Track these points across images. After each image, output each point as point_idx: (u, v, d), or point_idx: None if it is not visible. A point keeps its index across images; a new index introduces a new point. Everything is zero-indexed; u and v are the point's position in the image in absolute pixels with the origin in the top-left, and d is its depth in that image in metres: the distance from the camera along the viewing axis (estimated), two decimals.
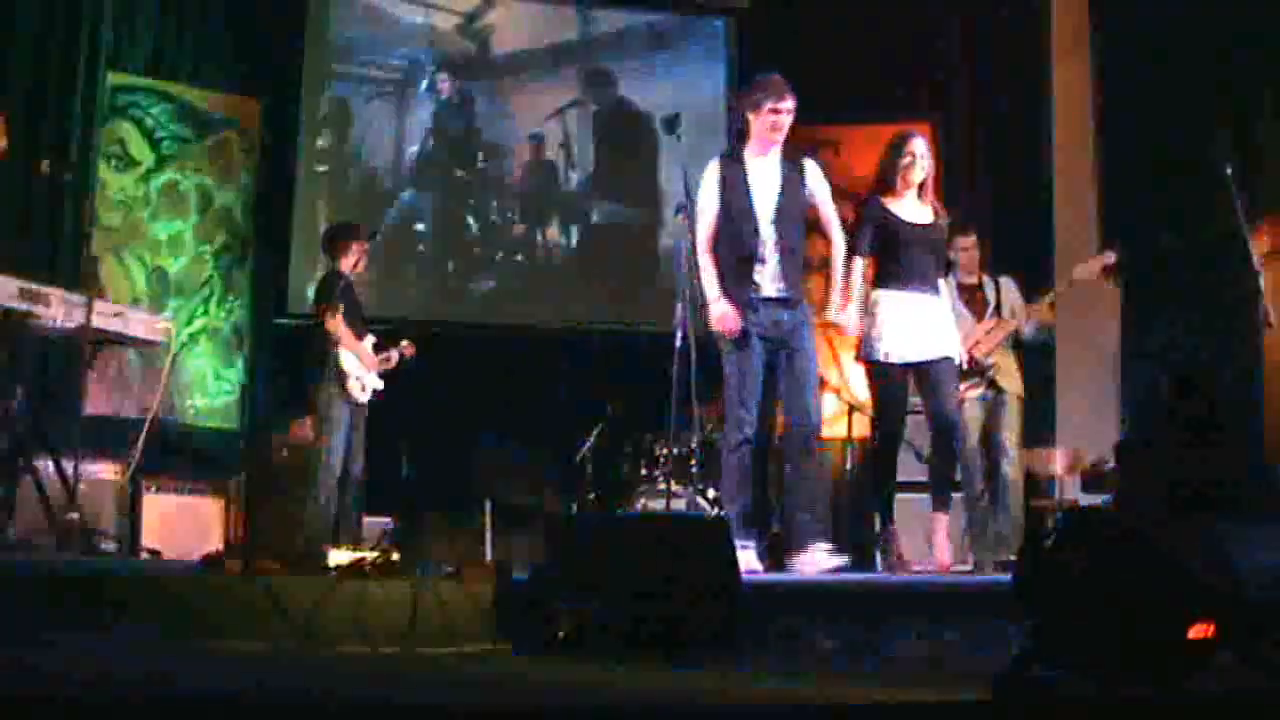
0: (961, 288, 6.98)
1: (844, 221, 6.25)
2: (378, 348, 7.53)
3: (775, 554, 6.28)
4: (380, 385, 7.44)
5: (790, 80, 6.01)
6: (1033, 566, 3.17)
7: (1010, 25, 9.38)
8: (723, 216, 5.91)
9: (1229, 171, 6.27)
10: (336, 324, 7.15)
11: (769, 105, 5.90)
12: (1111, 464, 7.25)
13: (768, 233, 5.87)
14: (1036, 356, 7.54)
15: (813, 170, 6.06)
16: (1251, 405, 6.89)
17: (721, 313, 5.81)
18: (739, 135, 6.06)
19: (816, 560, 5.66)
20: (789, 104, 5.90)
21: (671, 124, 6.63)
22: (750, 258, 5.86)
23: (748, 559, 5.51)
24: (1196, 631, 2.90)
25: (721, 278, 5.86)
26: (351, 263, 7.39)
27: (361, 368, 7.28)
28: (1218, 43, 7.89)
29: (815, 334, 6.14)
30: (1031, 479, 7.65)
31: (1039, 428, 7.86)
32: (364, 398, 7.32)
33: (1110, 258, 6.87)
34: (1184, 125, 8.08)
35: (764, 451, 5.96)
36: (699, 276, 5.91)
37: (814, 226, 6.24)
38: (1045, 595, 3.07)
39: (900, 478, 6.20)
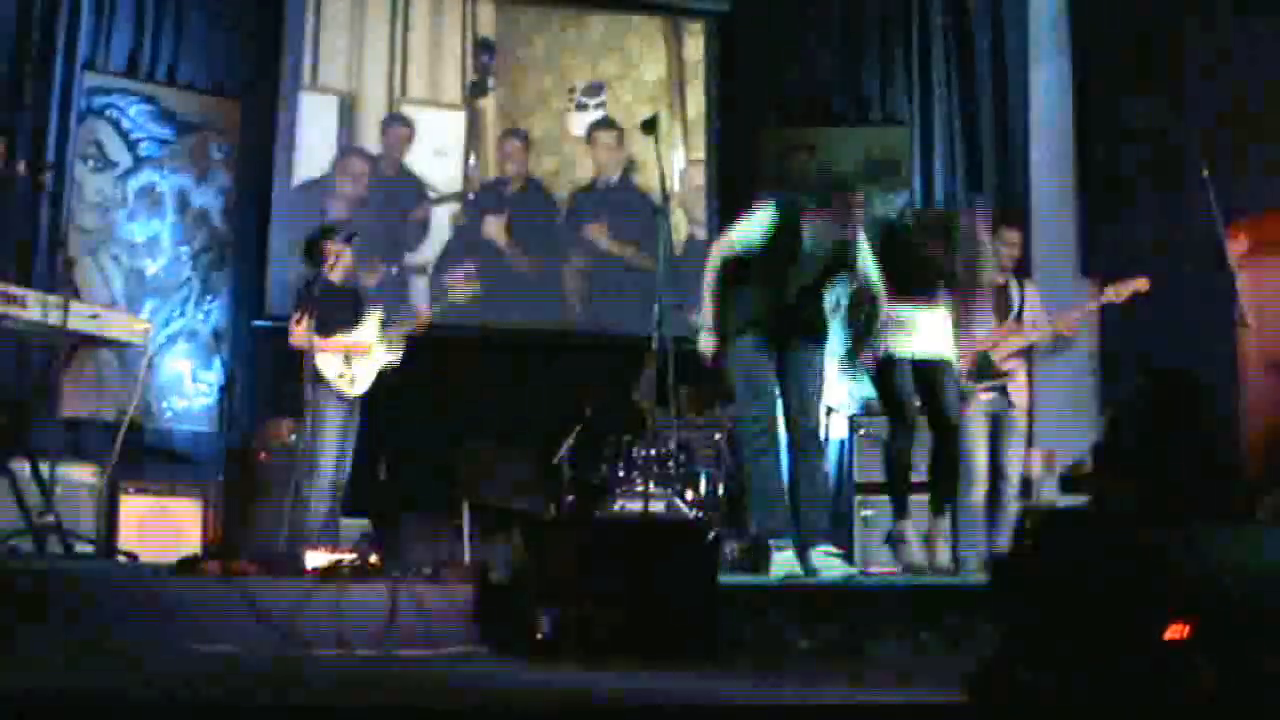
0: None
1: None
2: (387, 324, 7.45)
3: (753, 555, 6.27)
4: (387, 361, 7.35)
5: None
6: (1011, 568, 3.18)
7: (989, 29, 9.40)
8: (759, 261, 5.71)
9: (1205, 173, 6.30)
10: (297, 338, 7.10)
11: (844, 209, 5.69)
12: (1089, 465, 7.24)
13: (798, 283, 5.72)
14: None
15: (863, 250, 5.83)
16: (1228, 405, 6.90)
17: (709, 348, 5.71)
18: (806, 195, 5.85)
19: (830, 563, 5.50)
20: (861, 211, 5.79)
21: (650, 126, 6.61)
22: (774, 303, 5.69)
23: (786, 561, 5.44)
24: (1173, 633, 2.91)
25: (719, 305, 5.75)
26: (329, 265, 7.35)
27: (342, 364, 7.20)
28: (1196, 43, 7.93)
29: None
30: None
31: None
32: (356, 390, 7.22)
33: (1144, 284, 6.77)
34: (1162, 127, 8.12)
35: (791, 446, 5.75)
36: (703, 296, 5.76)
37: None
38: (1023, 596, 3.08)
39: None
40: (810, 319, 5.79)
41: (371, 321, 7.37)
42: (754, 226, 5.74)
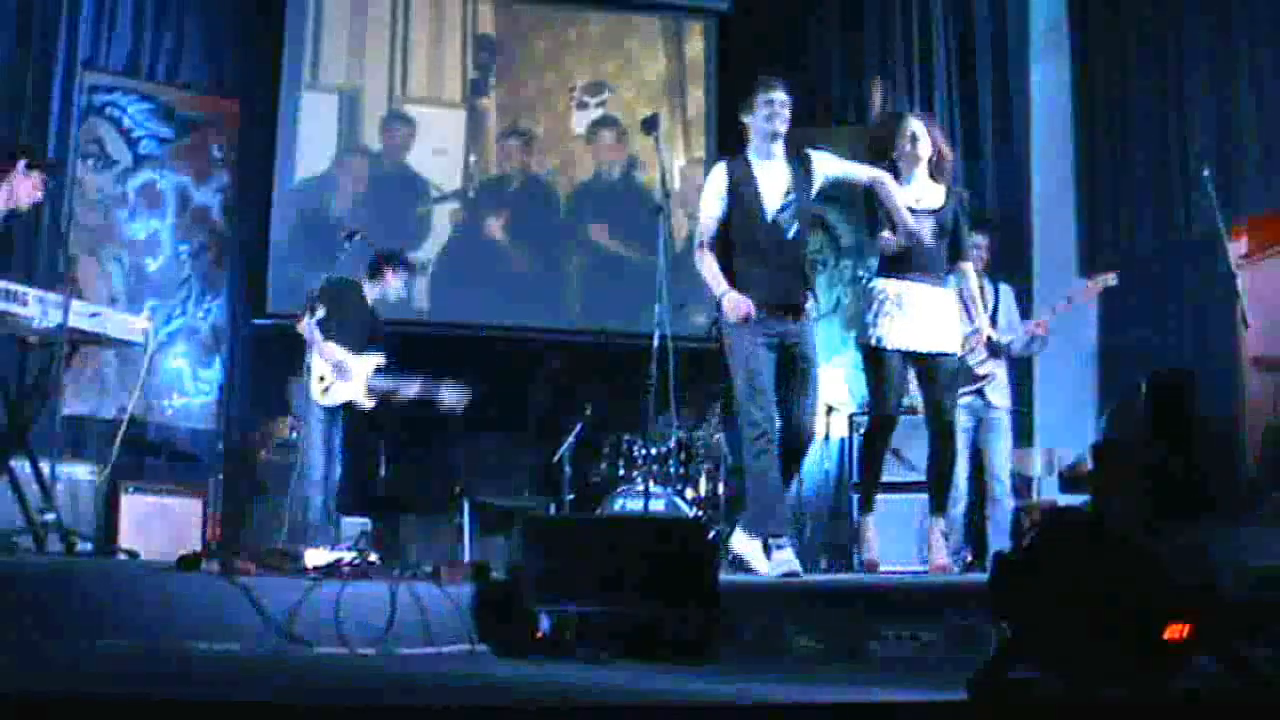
0: None
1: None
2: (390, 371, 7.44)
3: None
4: (357, 398, 7.29)
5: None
6: (1010, 567, 3.18)
7: (989, 29, 9.39)
8: (729, 221, 5.74)
9: (1207, 174, 6.29)
10: (302, 326, 7.09)
11: (761, 98, 5.74)
12: (1090, 465, 7.25)
13: (776, 238, 5.70)
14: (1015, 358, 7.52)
15: (818, 158, 5.84)
16: (1229, 405, 6.90)
17: (734, 301, 5.57)
18: (741, 142, 5.89)
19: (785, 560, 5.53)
20: (780, 95, 5.74)
21: (650, 125, 6.61)
22: (758, 263, 5.68)
23: (787, 560, 5.45)
24: (1172, 632, 2.91)
25: (726, 273, 5.67)
26: (382, 284, 7.44)
27: (331, 372, 7.17)
28: (1197, 43, 7.93)
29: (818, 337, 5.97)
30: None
31: (1018, 428, 7.86)
32: (326, 400, 7.19)
33: (1112, 280, 6.77)
34: (1164, 128, 8.12)
35: (792, 450, 5.73)
36: (703, 277, 5.73)
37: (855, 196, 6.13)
38: (1023, 595, 3.08)
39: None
40: (800, 305, 5.75)
41: (369, 362, 7.33)
42: (713, 189, 5.81)
